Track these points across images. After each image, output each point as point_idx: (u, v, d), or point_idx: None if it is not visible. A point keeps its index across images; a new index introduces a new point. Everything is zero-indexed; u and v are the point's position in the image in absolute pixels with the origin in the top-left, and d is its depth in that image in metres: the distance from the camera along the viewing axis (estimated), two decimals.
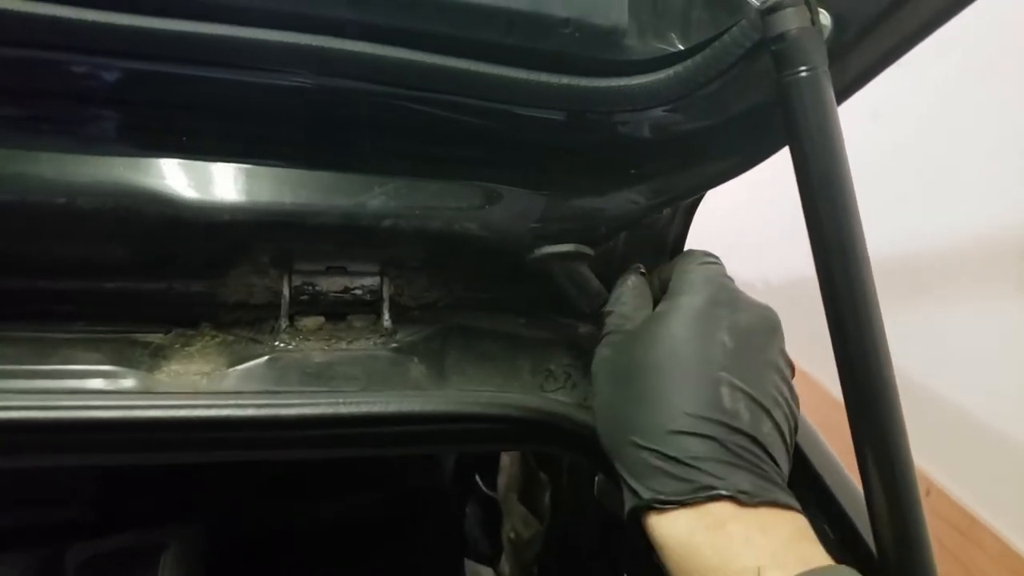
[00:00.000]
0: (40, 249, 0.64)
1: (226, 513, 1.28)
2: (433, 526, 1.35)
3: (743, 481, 0.46)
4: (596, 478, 0.75)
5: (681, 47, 0.59)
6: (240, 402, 0.60)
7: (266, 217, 0.62)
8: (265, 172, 0.62)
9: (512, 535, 0.91)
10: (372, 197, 0.64)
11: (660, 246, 0.76)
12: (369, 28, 0.55)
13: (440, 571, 1.27)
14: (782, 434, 0.50)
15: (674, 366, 0.49)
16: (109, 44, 0.52)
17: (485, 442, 0.68)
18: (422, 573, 1.31)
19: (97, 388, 0.62)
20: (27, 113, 0.58)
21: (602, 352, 0.59)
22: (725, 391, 0.48)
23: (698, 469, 0.45)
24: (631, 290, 0.63)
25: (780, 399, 0.51)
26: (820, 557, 0.45)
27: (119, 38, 0.51)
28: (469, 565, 1.35)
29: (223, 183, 0.62)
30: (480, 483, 1.36)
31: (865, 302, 0.49)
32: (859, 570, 0.42)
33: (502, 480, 1.27)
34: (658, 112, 0.61)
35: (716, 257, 0.62)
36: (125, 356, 0.65)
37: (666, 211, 0.74)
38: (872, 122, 1.79)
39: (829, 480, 0.67)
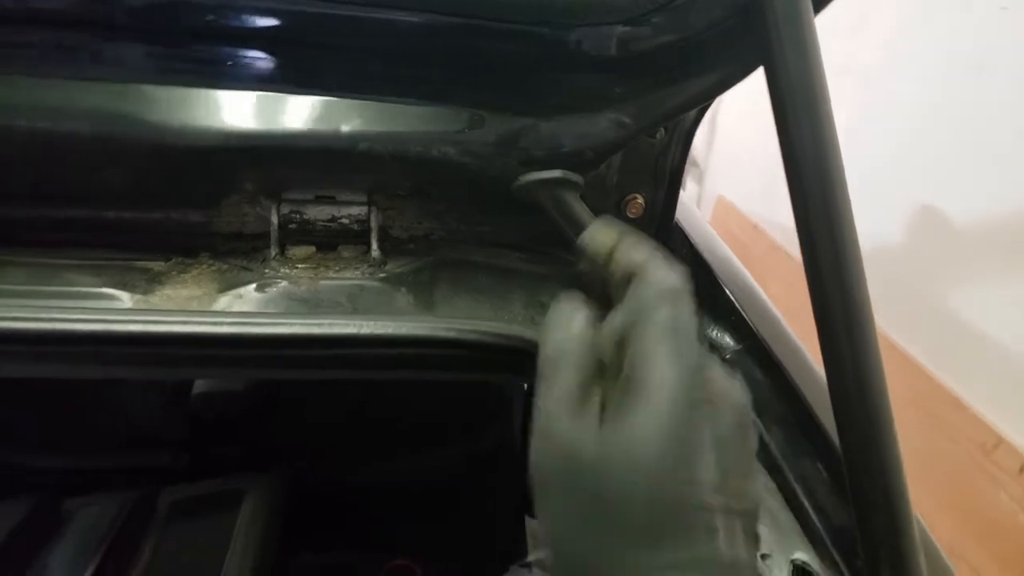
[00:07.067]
0: (35, 176, 0.66)
1: (304, 467, 1.33)
2: (500, 484, 1.36)
3: None
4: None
5: None
6: (218, 319, 0.61)
7: (242, 142, 0.63)
8: (240, 98, 0.63)
9: None
10: (346, 121, 0.63)
11: (657, 175, 0.73)
12: None
13: (504, 529, 1.29)
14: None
15: (656, 502, 0.38)
16: None
17: (464, 369, 0.67)
18: (487, 531, 1.33)
19: (92, 307, 0.64)
20: (9, 39, 0.59)
21: (549, 461, 0.42)
22: (720, 522, 0.38)
23: None
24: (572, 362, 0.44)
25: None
26: None
27: None
28: (531, 523, 1.36)
29: (201, 110, 0.62)
30: None
31: (841, 230, 0.45)
32: None
33: None
34: (632, 27, 0.58)
35: (679, 276, 0.45)
36: (123, 280, 0.68)
37: (660, 138, 0.70)
38: (978, 73, 1.66)
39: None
